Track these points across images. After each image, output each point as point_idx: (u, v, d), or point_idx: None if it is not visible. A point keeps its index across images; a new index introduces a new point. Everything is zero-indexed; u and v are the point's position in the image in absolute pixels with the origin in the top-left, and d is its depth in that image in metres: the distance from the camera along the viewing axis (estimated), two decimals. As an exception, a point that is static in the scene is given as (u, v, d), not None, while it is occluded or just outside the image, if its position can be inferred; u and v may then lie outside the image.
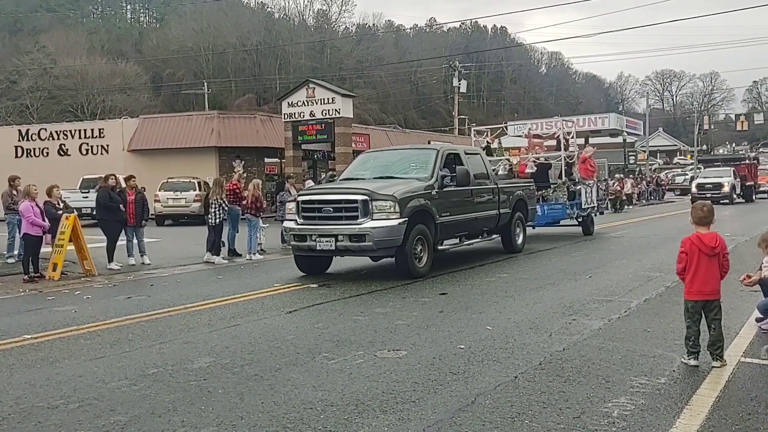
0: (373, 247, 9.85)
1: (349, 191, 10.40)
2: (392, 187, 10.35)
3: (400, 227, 9.88)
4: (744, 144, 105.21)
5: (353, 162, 13.13)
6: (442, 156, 11.55)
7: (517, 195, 13.80)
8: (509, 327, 6.82)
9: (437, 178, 10.99)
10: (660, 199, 43.01)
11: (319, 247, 10.17)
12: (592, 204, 17.74)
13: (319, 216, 10.39)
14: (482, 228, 12.67)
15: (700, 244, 5.39)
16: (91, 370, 5.59)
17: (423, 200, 10.46)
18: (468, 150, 13.56)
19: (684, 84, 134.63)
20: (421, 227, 10.31)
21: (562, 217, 16.87)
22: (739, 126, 64.92)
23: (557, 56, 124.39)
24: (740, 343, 6.06)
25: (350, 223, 10.00)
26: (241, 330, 7.01)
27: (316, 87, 29.81)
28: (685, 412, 4.32)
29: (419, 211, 10.31)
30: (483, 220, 12.42)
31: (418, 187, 10.60)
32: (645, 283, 9.47)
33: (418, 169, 11.36)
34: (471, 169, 11.77)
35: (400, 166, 11.84)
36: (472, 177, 11.66)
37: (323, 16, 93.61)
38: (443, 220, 10.92)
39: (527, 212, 14.33)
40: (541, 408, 4.43)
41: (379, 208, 9.87)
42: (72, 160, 34.62)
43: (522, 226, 14.06)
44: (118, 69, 65.52)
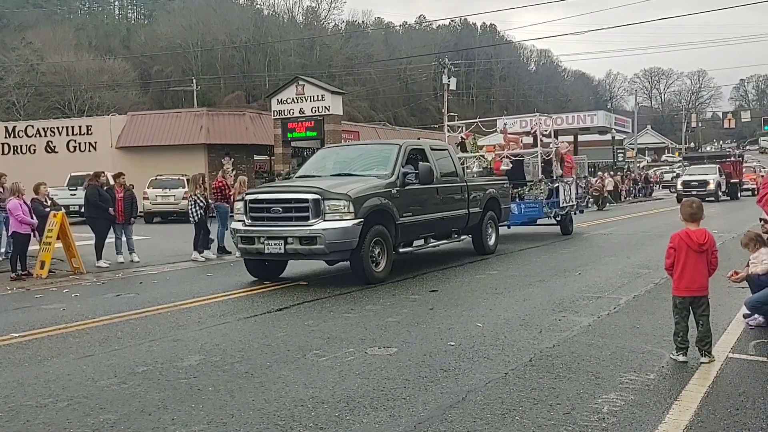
0: (324, 250, 9.15)
1: (300, 189, 9.77)
2: (347, 185, 9.64)
3: (354, 229, 9.19)
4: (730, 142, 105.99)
5: (311, 158, 12.32)
6: (404, 152, 10.77)
7: (488, 194, 13.12)
8: (499, 324, 6.84)
9: (398, 175, 10.26)
10: (648, 196, 43.23)
11: (267, 250, 9.47)
12: (571, 202, 17.09)
13: (268, 217, 9.64)
14: (450, 228, 11.93)
15: (689, 240, 5.42)
16: (80, 369, 5.56)
17: (382, 199, 9.75)
18: (435, 146, 12.64)
19: (672, 82, 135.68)
20: (380, 228, 9.64)
21: (539, 217, 16.20)
22: (726, 124, 65.46)
23: (546, 54, 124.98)
24: (728, 339, 6.10)
25: (300, 224, 9.30)
26: (231, 328, 6.99)
27: (306, 84, 29.79)
28: (674, 408, 4.35)
29: (377, 211, 9.61)
30: (451, 220, 11.68)
31: (376, 185, 9.88)
32: (634, 279, 9.52)
33: (379, 166, 10.59)
34: (437, 166, 11.21)
35: (360, 163, 11.09)
36: (437, 174, 11.09)
37: (312, 13, 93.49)
38: (405, 221, 10.23)
39: (500, 212, 13.66)
40: (531, 404, 4.44)
41: (331, 208, 9.17)
42: (59, 158, 34.41)
43: (494, 227, 13.37)
44: (105, 65, 65.11)
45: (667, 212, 26.18)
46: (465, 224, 12.25)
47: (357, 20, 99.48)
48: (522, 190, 16.07)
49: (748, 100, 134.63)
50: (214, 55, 74.76)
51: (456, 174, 12.21)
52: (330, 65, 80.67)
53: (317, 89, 29.57)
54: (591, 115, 42.55)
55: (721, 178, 35.22)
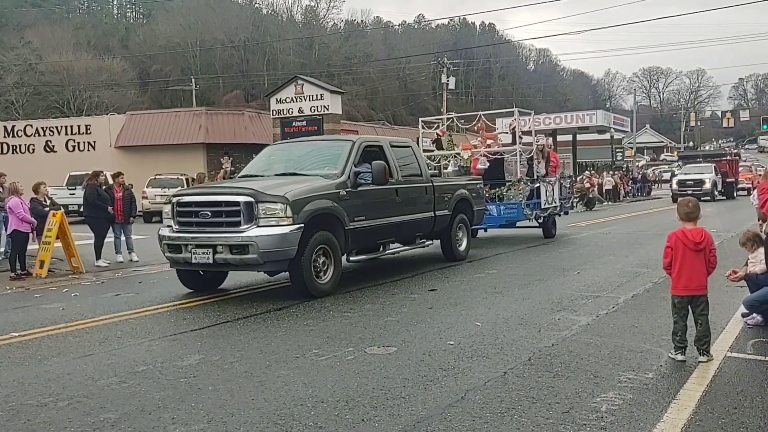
0: (258, 260, 8.10)
1: (230, 191, 8.71)
2: (286, 186, 8.61)
3: (293, 235, 8.13)
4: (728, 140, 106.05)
5: (257, 156, 11.12)
6: (358, 149, 9.77)
7: (458, 195, 12.00)
8: (498, 323, 6.86)
9: (349, 175, 9.25)
10: (647, 195, 43.27)
11: (194, 260, 8.40)
12: (554, 203, 16.10)
13: (197, 222, 8.57)
14: (414, 233, 10.95)
15: (685, 239, 5.44)
16: (80, 368, 5.57)
17: (327, 202, 8.72)
18: (396, 142, 11.41)
19: (671, 81, 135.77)
20: (325, 235, 8.63)
21: (518, 219, 15.10)
22: (725, 123, 65.41)
23: (545, 53, 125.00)
24: (726, 338, 6.13)
25: (231, 230, 8.23)
26: (230, 327, 7.00)
27: (305, 83, 29.75)
28: (673, 407, 4.37)
29: (321, 215, 8.60)
30: (413, 224, 10.67)
31: (322, 186, 8.88)
32: (632, 279, 9.54)
33: (328, 165, 9.60)
34: (397, 165, 10.33)
35: (308, 162, 10.13)
36: (398, 174, 10.25)
37: (311, 12, 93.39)
38: (357, 226, 9.22)
39: (473, 214, 12.59)
40: (530, 403, 4.46)
41: (266, 212, 8.13)
42: (58, 157, 34.40)
43: (465, 230, 12.30)
44: (104, 65, 65.02)
45: (666, 211, 26.21)
46: (431, 228, 11.23)
47: (356, 19, 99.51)
48: (500, 191, 15.11)
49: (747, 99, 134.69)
50: (212, 55, 74.72)
51: (420, 173, 11.13)
52: (329, 64, 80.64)
53: (316, 88, 29.55)
54: (590, 114, 42.68)
55: (717, 177, 34.80)
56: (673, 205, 29.21)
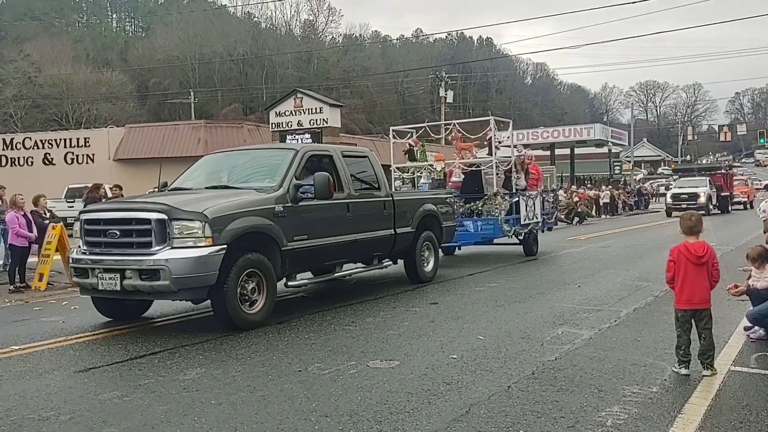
0: (170, 287, 6.94)
1: (141, 206, 7.57)
2: (207, 201, 7.51)
3: (213, 258, 7.03)
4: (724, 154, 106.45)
5: (191, 166, 9.96)
6: (301, 159, 8.69)
7: (424, 210, 10.94)
8: (501, 337, 6.84)
9: (288, 188, 8.14)
10: (645, 208, 43.32)
11: (101, 286, 7.31)
12: (535, 219, 15.07)
13: (105, 242, 7.49)
14: (370, 253, 9.99)
15: (687, 253, 5.45)
16: (82, 382, 5.54)
17: (259, 219, 7.63)
18: (350, 152, 10.49)
19: (668, 95, 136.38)
20: (255, 257, 7.53)
21: (495, 235, 13.96)
22: (722, 137, 65.68)
23: (542, 67, 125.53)
24: (730, 351, 6.12)
25: (142, 252, 7.16)
26: (232, 340, 6.97)
27: (304, 97, 29.89)
28: (678, 421, 4.35)
29: (251, 234, 7.53)
30: (369, 243, 9.65)
31: (253, 201, 7.79)
32: (633, 292, 9.53)
33: (265, 177, 8.59)
34: (348, 177, 9.39)
35: (245, 173, 9.15)
36: (350, 187, 9.33)
37: (310, 26, 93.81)
38: (297, 246, 8.12)
39: (441, 231, 11.47)
40: (535, 418, 4.44)
41: (181, 231, 7.06)
42: (57, 170, 34.41)
43: (432, 249, 11.27)
44: (103, 78, 65.24)
45: (663, 225, 26.28)
46: (391, 247, 10.21)
47: (354, 33, 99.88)
48: (475, 205, 13.98)
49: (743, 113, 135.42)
50: (211, 68, 74.95)
51: (378, 186, 10.14)
52: (327, 78, 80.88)
53: (315, 102, 29.66)
54: (588, 127, 42.80)
55: (712, 191, 34.19)
56: (668, 220, 29.48)
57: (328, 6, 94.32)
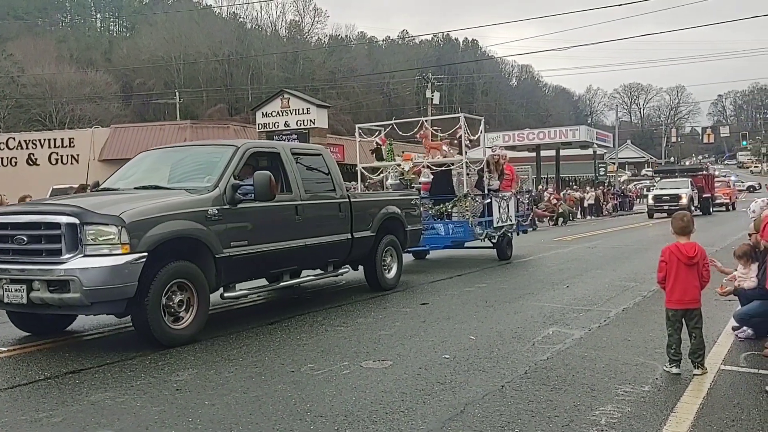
0: (82, 300, 6.14)
1: (51, 209, 6.74)
2: (128, 203, 6.71)
3: (131, 268, 6.24)
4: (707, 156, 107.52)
5: (126, 164, 9.22)
6: (242, 157, 7.92)
7: (386, 213, 10.23)
8: (492, 336, 6.87)
9: (225, 189, 7.36)
10: (629, 209, 43.65)
11: (7, 299, 6.47)
12: (509, 221, 14.48)
13: (13, 249, 6.58)
14: (324, 259, 9.23)
15: (679, 253, 5.51)
16: (73, 382, 5.49)
17: (188, 223, 6.82)
18: (301, 149, 9.77)
19: (651, 97, 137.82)
20: (183, 266, 6.75)
21: (466, 239, 13.42)
22: (705, 139, 66.34)
23: (527, 69, 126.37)
24: (719, 350, 6.18)
25: (50, 260, 6.32)
26: (223, 341, 6.95)
27: (291, 97, 29.85)
28: (671, 419, 4.39)
29: (177, 240, 6.74)
30: (322, 248, 8.87)
31: (182, 203, 6.98)
32: (622, 292, 9.60)
33: (200, 176, 7.78)
34: (299, 177, 8.63)
35: (179, 171, 8.28)
36: (300, 188, 8.54)
37: (296, 26, 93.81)
38: (235, 253, 7.33)
39: (405, 235, 10.79)
40: (529, 417, 4.46)
41: (95, 237, 6.24)
42: (41, 170, 34.13)
43: (395, 255, 10.53)
44: (87, 78, 64.79)
45: (648, 226, 26.51)
46: (347, 253, 9.52)
47: (340, 34, 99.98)
48: (444, 207, 13.42)
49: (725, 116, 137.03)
50: (196, 68, 74.70)
51: (332, 187, 9.39)
52: (313, 79, 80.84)
53: (302, 102, 29.63)
54: (573, 129, 42.96)
55: (694, 192, 34.13)
56: (652, 221, 29.66)
57: (314, 7, 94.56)
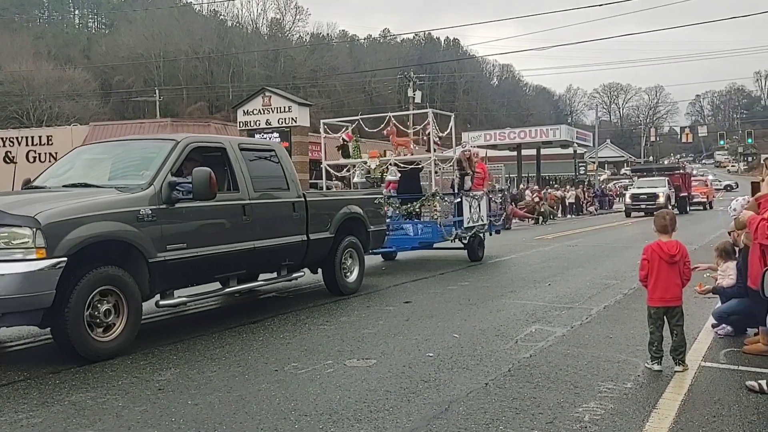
0: None
1: None
2: (47, 202, 6.08)
3: (47, 274, 5.65)
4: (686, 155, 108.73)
5: (60, 159, 8.50)
6: (182, 152, 7.26)
7: (346, 213, 9.69)
8: (475, 334, 6.89)
9: (161, 186, 6.76)
10: (609, 208, 44.00)
11: None
12: (481, 222, 14.00)
13: None
14: (276, 262, 8.61)
15: (660, 251, 5.56)
16: (53, 383, 5.42)
17: (115, 225, 6.20)
18: (250, 144, 9.09)
19: (630, 97, 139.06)
20: (109, 272, 6.14)
21: (435, 240, 12.90)
22: (684, 138, 67.07)
23: (508, 69, 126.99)
24: (699, 348, 6.25)
25: None
26: (205, 341, 6.90)
27: (273, 95, 29.68)
28: (654, 416, 4.43)
29: (104, 243, 6.12)
30: (273, 251, 8.27)
31: (109, 202, 6.35)
32: (603, 290, 9.68)
33: (134, 173, 7.24)
34: (247, 174, 8.00)
35: (114, 168, 7.67)
36: (248, 186, 7.91)
37: (277, 24, 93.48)
38: (171, 257, 6.71)
39: (368, 236, 10.25)
40: (513, 414, 4.48)
41: (7, 241, 5.65)
42: (19, 168, 33.55)
43: (356, 257, 10.00)
44: (65, 75, 64.07)
45: (627, 225, 26.74)
46: (303, 255, 8.92)
47: (321, 33, 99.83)
48: (411, 207, 12.95)
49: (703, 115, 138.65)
50: (176, 66, 74.18)
51: (286, 186, 8.77)
52: (295, 77, 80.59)
53: (284, 100, 29.47)
54: (553, 128, 43.29)
55: (671, 191, 34.18)
56: (630, 220, 29.89)
57: (296, 5, 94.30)
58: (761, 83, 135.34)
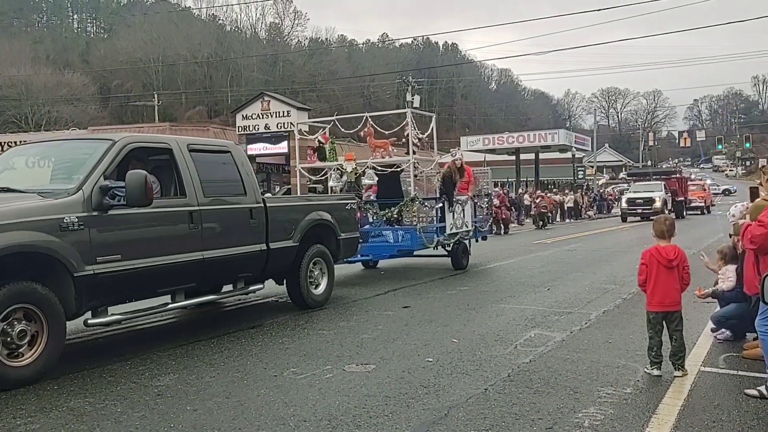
0: None
1: None
2: None
3: None
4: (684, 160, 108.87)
5: None
6: (117, 153, 6.54)
7: (312, 219, 8.89)
8: (475, 339, 6.88)
9: (91, 192, 6.07)
10: (608, 212, 44.02)
11: None
12: (465, 227, 13.22)
13: None
14: (231, 275, 7.85)
15: (659, 256, 5.56)
16: (51, 388, 5.41)
17: (34, 234, 5.52)
18: (200, 144, 7.98)
19: (628, 101, 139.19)
20: (26, 288, 5.49)
21: (414, 247, 12.18)
22: (682, 142, 67.15)
23: (507, 73, 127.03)
24: (698, 353, 6.24)
25: None
26: (204, 346, 6.88)
27: (271, 100, 29.74)
28: (653, 421, 4.43)
29: (19, 255, 5.42)
30: (227, 262, 7.48)
31: (27, 209, 5.66)
32: (602, 295, 9.67)
33: (63, 176, 6.58)
34: (197, 178, 7.19)
35: (45, 171, 7.05)
36: (197, 191, 7.11)
37: (275, 29, 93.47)
38: (103, 270, 6.02)
39: (338, 244, 9.48)
40: (513, 419, 4.47)
41: None
42: (16, 173, 33.63)
43: (325, 267, 9.23)
44: (64, 79, 63.93)
45: (625, 229, 26.76)
46: (263, 266, 8.15)
47: (320, 37, 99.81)
48: (389, 212, 12.26)
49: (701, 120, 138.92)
50: (175, 70, 74.12)
51: (242, 191, 7.96)
52: (293, 81, 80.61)
53: (283, 105, 29.53)
54: (552, 133, 43.32)
55: (667, 196, 33.66)
56: (625, 225, 29.84)
57: (294, 9, 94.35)
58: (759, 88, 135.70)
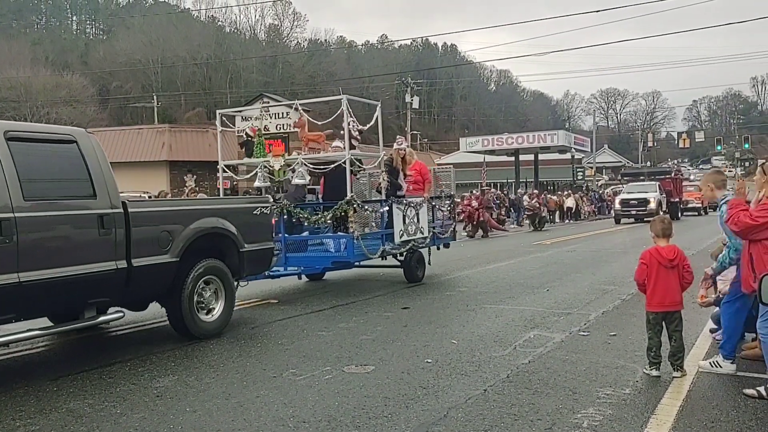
0: None
1: None
2: None
3: None
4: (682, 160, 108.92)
5: None
6: None
7: (199, 228, 7.15)
8: (474, 340, 6.89)
9: None
10: (608, 213, 43.98)
11: None
12: (421, 234, 11.31)
13: None
14: (72, 302, 6.19)
15: (659, 256, 5.56)
16: (51, 390, 5.41)
17: None
18: (28, 131, 6.12)
19: (627, 102, 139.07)
20: None
21: (352, 258, 10.14)
22: (681, 143, 67.18)
23: (506, 74, 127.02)
24: (697, 353, 6.25)
25: None
26: (203, 347, 6.89)
27: (271, 101, 29.69)
28: (652, 422, 4.43)
29: None
30: (62, 286, 5.82)
31: None
32: (601, 296, 9.68)
33: None
34: (19, 175, 5.57)
35: None
36: (11, 195, 5.46)
37: (275, 30, 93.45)
38: None
39: (240, 258, 7.72)
40: (512, 420, 4.48)
41: None
42: (15, 174, 33.64)
43: (221, 287, 7.53)
44: (63, 81, 63.87)
45: (624, 230, 26.75)
46: (120, 290, 6.47)
47: (319, 38, 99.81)
48: (323, 216, 10.17)
49: (700, 121, 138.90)
50: (174, 72, 74.09)
51: (91, 192, 6.21)
52: (292, 83, 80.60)
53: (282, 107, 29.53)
54: (551, 134, 43.36)
55: (662, 197, 32.71)
56: (622, 226, 29.73)
57: (293, 11, 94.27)
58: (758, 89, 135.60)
